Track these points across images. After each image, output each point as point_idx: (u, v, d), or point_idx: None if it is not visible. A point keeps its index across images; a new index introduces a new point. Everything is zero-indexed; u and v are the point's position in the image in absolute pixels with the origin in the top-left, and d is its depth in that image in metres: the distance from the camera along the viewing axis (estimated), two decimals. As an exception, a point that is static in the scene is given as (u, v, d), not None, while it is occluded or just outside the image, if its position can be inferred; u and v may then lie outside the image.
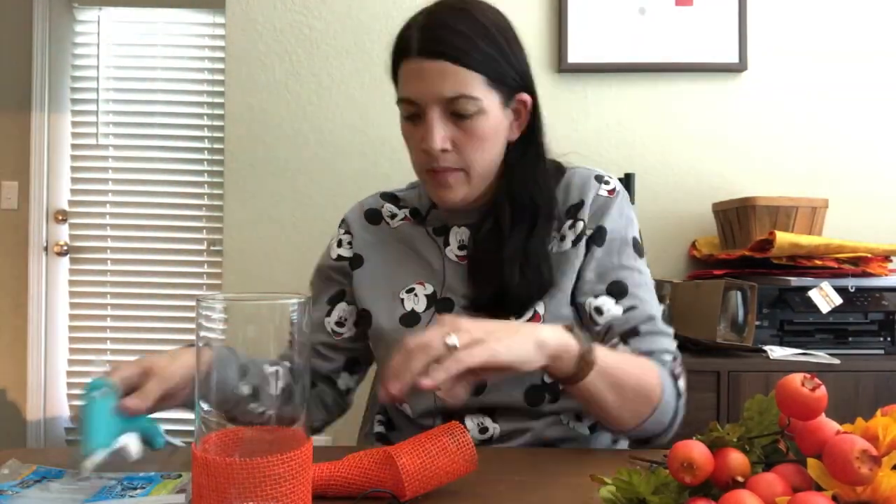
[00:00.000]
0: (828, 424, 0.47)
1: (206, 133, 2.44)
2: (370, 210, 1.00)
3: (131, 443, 0.64)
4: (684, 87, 1.99)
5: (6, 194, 2.49)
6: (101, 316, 2.47)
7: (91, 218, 2.48)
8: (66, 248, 2.48)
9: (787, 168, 1.98)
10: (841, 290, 1.50)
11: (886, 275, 1.57)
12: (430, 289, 0.91)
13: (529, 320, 0.85)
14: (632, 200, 1.74)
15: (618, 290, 0.86)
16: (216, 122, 2.39)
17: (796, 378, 0.47)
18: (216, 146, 2.40)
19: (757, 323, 1.45)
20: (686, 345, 1.54)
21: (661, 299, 1.70)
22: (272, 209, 2.03)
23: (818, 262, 1.58)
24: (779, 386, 0.48)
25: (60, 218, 2.49)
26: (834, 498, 0.43)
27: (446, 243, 0.93)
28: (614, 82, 2.00)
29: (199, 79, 2.44)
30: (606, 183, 0.92)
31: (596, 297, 0.87)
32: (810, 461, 0.45)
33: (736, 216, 1.75)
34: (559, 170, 0.94)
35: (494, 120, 0.84)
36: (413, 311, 0.90)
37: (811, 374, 0.47)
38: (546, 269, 0.86)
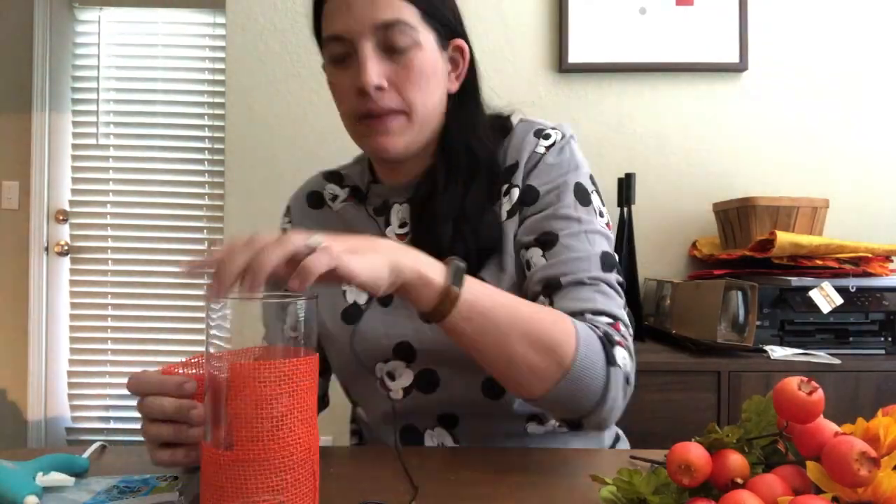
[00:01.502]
0: (826, 426, 0.47)
1: (206, 133, 2.44)
2: (311, 193, 0.95)
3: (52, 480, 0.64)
4: (684, 87, 1.99)
5: (7, 194, 2.49)
6: (102, 316, 2.47)
7: (92, 218, 2.48)
8: (66, 247, 2.48)
9: (787, 168, 1.98)
10: (842, 290, 1.50)
11: (887, 275, 1.57)
12: None
13: None
14: (632, 200, 1.75)
15: (546, 241, 0.76)
16: (216, 122, 2.39)
17: (793, 382, 0.47)
18: (216, 146, 2.40)
19: (757, 323, 1.44)
20: (686, 345, 1.55)
21: (661, 299, 1.71)
22: (272, 209, 2.03)
23: (819, 262, 1.58)
24: (776, 390, 0.48)
25: (61, 218, 2.49)
26: (835, 500, 0.43)
27: (387, 223, 0.86)
28: (614, 82, 2.00)
29: (199, 79, 2.44)
30: (546, 137, 0.81)
31: (526, 249, 0.78)
32: (810, 464, 0.45)
33: (736, 216, 1.75)
34: (504, 126, 0.86)
35: (432, 57, 0.77)
36: (355, 303, 0.84)
37: (808, 377, 0.47)
38: (484, 228, 0.79)
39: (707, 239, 1.94)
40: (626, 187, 1.76)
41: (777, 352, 1.47)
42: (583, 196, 0.79)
